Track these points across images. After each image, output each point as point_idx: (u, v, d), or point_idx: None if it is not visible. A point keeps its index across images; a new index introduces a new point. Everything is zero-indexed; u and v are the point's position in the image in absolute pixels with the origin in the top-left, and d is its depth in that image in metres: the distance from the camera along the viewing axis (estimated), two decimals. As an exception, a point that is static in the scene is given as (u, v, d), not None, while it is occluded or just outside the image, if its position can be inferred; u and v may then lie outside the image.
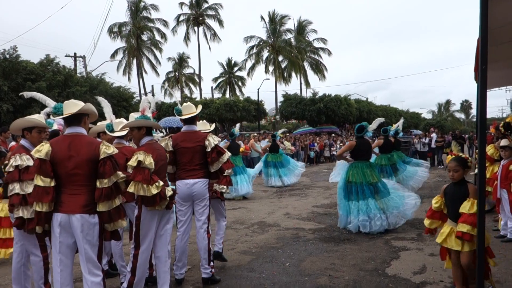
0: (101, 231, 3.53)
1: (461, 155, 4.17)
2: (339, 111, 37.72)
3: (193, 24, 45.60)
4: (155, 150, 4.14)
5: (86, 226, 3.41)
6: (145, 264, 4.17)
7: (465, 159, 4.13)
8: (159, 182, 3.98)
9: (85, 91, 23.37)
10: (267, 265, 5.59)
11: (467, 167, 4.12)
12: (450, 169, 4.14)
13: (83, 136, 3.57)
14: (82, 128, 3.62)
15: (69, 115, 3.54)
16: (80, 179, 3.44)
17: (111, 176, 3.45)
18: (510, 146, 6.44)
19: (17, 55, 21.37)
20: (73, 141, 3.48)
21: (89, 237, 3.43)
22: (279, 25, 45.66)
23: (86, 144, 3.49)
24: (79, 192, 3.44)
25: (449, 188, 4.23)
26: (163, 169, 4.31)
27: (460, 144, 18.90)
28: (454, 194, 4.11)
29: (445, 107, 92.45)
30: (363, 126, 7.86)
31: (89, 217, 3.43)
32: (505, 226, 6.51)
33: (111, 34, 42.41)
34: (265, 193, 12.88)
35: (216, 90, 51.86)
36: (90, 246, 3.44)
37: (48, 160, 3.39)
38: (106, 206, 3.45)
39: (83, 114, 3.62)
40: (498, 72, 7.95)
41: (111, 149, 3.50)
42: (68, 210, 3.42)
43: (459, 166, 4.09)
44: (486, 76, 3.48)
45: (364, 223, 7.14)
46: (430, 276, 4.97)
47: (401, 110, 54.59)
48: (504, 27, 5.03)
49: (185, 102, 5.20)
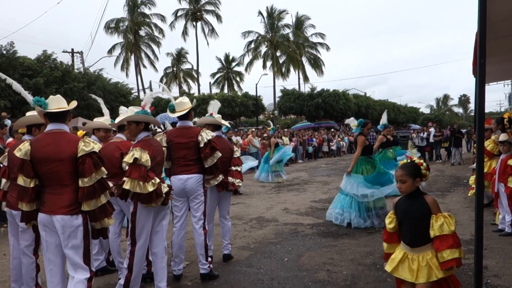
0: (87, 231, 3.39)
1: (413, 160, 3.26)
2: (337, 106, 37.73)
3: (191, 19, 45.47)
4: (151, 146, 4.13)
5: (67, 228, 3.28)
6: (142, 260, 4.17)
7: (416, 166, 3.22)
8: (155, 179, 3.97)
9: (82, 87, 23.32)
10: (266, 261, 5.59)
11: (420, 175, 3.21)
12: (397, 179, 3.24)
13: (64, 133, 3.43)
14: (65, 125, 3.50)
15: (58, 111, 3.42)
16: (61, 178, 3.31)
17: (92, 174, 3.30)
18: (508, 140, 6.44)
19: (14, 51, 21.30)
20: (54, 139, 3.35)
21: (72, 239, 3.30)
22: (277, 20, 45.61)
23: (66, 142, 3.35)
24: (62, 191, 3.32)
25: (400, 203, 3.31)
26: (159, 165, 4.29)
27: (458, 138, 18.92)
28: (406, 211, 3.21)
29: (443, 101, 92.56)
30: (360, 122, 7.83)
31: (71, 218, 3.28)
32: (503, 220, 6.52)
33: (108, 29, 42.28)
34: (263, 189, 12.88)
35: (214, 86, 51.87)
36: (73, 248, 3.32)
37: (28, 160, 3.28)
38: (91, 205, 3.32)
39: (68, 111, 3.53)
40: (497, 66, 7.95)
41: (90, 146, 3.35)
42: (49, 210, 3.31)
43: (407, 175, 3.18)
44: (485, 70, 3.47)
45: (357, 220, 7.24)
46: (428, 271, 4.97)
47: (399, 105, 54.61)
48: (502, 22, 5.02)
49: (180, 97, 5.17)
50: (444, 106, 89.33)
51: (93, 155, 3.34)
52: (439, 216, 3.07)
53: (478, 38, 3.48)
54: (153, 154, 4.07)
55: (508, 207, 6.35)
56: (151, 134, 4.36)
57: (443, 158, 20.33)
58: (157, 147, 4.25)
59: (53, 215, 3.29)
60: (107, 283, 4.95)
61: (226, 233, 5.59)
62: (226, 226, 5.59)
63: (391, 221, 3.32)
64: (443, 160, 20.04)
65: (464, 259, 5.25)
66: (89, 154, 3.32)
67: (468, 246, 5.86)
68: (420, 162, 3.23)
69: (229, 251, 5.63)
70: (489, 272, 4.79)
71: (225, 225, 5.59)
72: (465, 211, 8.38)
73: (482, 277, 3.70)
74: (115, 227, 4.83)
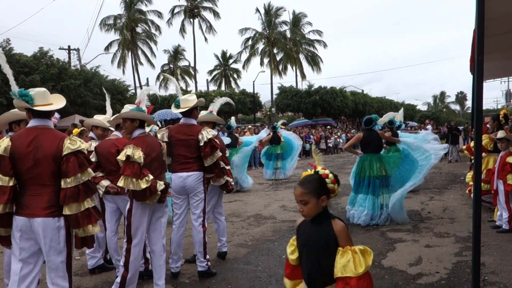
0: (69, 235, 3.17)
1: (316, 171, 2.43)
2: (335, 103, 37.78)
3: (188, 16, 45.34)
4: (145, 142, 4.10)
5: (49, 231, 3.06)
6: (138, 258, 4.14)
7: (320, 179, 2.38)
8: (149, 176, 3.93)
9: (79, 84, 23.27)
10: (263, 258, 5.59)
11: (326, 191, 2.36)
12: (296, 199, 2.40)
13: (49, 130, 3.21)
14: (50, 121, 3.30)
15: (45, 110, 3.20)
16: (42, 178, 3.09)
17: (76, 174, 3.09)
18: (506, 138, 6.46)
19: (10, 48, 21.23)
20: (37, 135, 3.11)
21: (54, 243, 3.08)
22: (275, 17, 45.57)
23: (50, 139, 3.13)
24: (42, 192, 3.10)
25: (302, 226, 2.50)
26: (156, 161, 4.23)
27: (455, 135, 18.95)
28: (307, 238, 2.42)
29: (440, 98, 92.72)
30: (371, 119, 7.67)
31: (52, 220, 3.07)
32: (500, 217, 6.54)
33: (104, 26, 42.14)
34: (261, 186, 12.87)
35: (212, 83, 51.77)
36: (55, 253, 3.10)
37: (7, 157, 3.04)
38: (73, 208, 3.08)
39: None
40: (494, 64, 7.95)
41: (76, 144, 3.14)
42: (28, 213, 3.07)
43: (309, 194, 2.34)
44: (483, 67, 3.46)
45: (365, 218, 7.16)
46: (426, 268, 4.98)
47: (397, 102, 54.77)
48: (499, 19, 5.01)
49: (187, 93, 5.17)
50: (441, 104, 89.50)
51: (79, 154, 3.15)
52: (346, 250, 2.28)
53: (476, 36, 3.47)
54: (147, 151, 4.05)
55: (505, 204, 6.37)
56: (147, 131, 4.34)
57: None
58: (152, 144, 4.21)
59: (32, 218, 3.06)
60: (105, 281, 4.94)
61: (222, 231, 5.58)
62: (222, 224, 5.59)
63: (293, 251, 2.52)
64: (440, 157, 20.04)
65: (461, 256, 5.30)
66: (74, 153, 3.12)
67: (465, 243, 5.88)
68: (325, 173, 2.39)
69: (226, 248, 5.64)
70: (486, 269, 4.80)
71: (221, 223, 5.58)
72: (463, 208, 8.39)
73: (480, 274, 3.70)
74: (112, 224, 4.82)
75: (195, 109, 5.00)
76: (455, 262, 5.14)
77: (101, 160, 4.67)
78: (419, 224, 7.17)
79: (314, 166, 2.49)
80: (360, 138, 7.58)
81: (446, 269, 4.91)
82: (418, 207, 8.66)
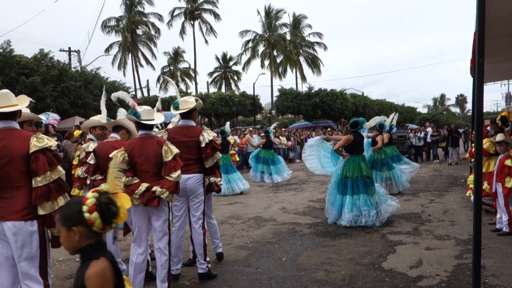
0: (43, 239, 3.09)
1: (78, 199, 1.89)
2: (335, 106, 37.72)
3: (188, 18, 45.38)
4: (131, 145, 4.18)
5: (20, 235, 2.97)
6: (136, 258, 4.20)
7: (75, 206, 1.84)
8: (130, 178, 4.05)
9: (79, 85, 23.24)
10: (264, 260, 5.59)
11: (83, 222, 1.80)
12: None
13: (14, 130, 3.16)
14: (15, 122, 3.22)
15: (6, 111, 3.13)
16: (12, 180, 3.03)
17: (46, 172, 3.03)
18: (505, 140, 6.46)
19: (10, 50, 21.20)
20: (3, 137, 3.06)
21: (26, 248, 2.99)
22: (275, 20, 45.60)
23: (16, 138, 3.08)
24: (14, 195, 3.02)
25: None
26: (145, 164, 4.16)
27: (456, 138, 18.96)
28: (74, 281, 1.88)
29: (440, 101, 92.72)
30: (357, 122, 7.87)
31: (25, 224, 2.99)
32: (500, 220, 6.54)
33: (105, 28, 42.21)
34: (261, 188, 12.87)
35: (212, 85, 51.77)
36: (27, 259, 3.01)
37: None
38: (46, 208, 3.03)
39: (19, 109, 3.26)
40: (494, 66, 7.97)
41: (43, 142, 3.08)
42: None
43: (59, 222, 1.86)
44: (483, 69, 3.47)
45: (356, 218, 7.22)
46: (427, 270, 4.98)
47: (397, 105, 54.66)
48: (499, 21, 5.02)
49: (186, 96, 5.19)
50: (441, 106, 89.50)
51: (47, 152, 3.10)
52: None
53: (477, 38, 3.48)
54: (132, 153, 4.12)
55: (505, 207, 6.37)
56: (153, 132, 4.37)
57: (440, 158, 20.36)
58: (141, 147, 4.17)
59: (3, 221, 2.98)
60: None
61: (215, 233, 5.55)
62: (213, 226, 5.54)
63: None
64: (440, 160, 20.08)
65: (462, 259, 5.30)
66: (42, 150, 3.07)
67: (466, 245, 5.88)
68: (87, 197, 1.83)
69: (221, 249, 5.62)
70: (487, 272, 4.79)
71: (213, 225, 5.53)
72: (463, 210, 8.39)
73: (480, 277, 3.70)
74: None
75: (194, 110, 5.01)
76: (455, 264, 5.14)
77: (100, 162, 4.68)
78: (419, 226, 7.17)
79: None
80: (350, 140, 7.65)
81: (447, 271, 4.90)
82: (418, 209, 8.66)
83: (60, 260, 5.72)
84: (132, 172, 4.17)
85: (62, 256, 5.74)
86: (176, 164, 4.10)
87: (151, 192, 4.05)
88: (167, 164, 4.08)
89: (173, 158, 4.10)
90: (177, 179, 4.08)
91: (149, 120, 4.28)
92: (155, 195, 4.04)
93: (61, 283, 4.92)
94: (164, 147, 4.13)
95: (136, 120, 4.24)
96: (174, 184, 4.07)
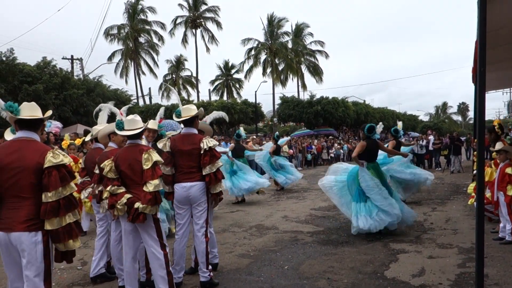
0: (47, 250, 3.11)
1: None
2: (337, 114, 37.81)
3: (190, 27, 45.62)
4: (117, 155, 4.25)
5: (25, 245, 3.02)
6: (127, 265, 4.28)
7: None
8: (111, 187, 4.11)
9: (82, 93, 23.36)
10: (266, 268, 5.57)
11: None
12: None
13: (34, 142, 3.19)
14: (37, 134, 3.28)
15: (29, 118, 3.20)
16: (20, 190, 3.05)
17: (58, 189, 3.05)
18: (504, 149, 6.46)
19: (13, 58, 21.36)
20: (21, 147, 3.10)
21: (31, 258, 3.02)
22: (277, 28, 45.79)
23: (32, 150, 3.10)
24: (20, 205, 3.05)
25: None
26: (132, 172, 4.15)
27: (458, 146, 18.94)
28: None
29: (442, 109, 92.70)
30: (373, 126, 7.60)
31: (29, 235, 3.02)
32: (503, 229, 6.51)
33: (108, 36, 42.47)
34: (263, 196, 12.85)
35: (214, 93, 51.91)
36: (32, 268, 3.04)
37: None
38: (54, 223, 3.05)
39: (42, 120, 3.31)
40: (496, 74, 8.00)
41: (59, 158, 3.11)
42: (5, 227, 3.05)
43: None
44: (485, 78, 3.48)
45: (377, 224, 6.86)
46: (429, 279, 4.96)
47: (399, 113, 54.72)
48: (500, 30, 5.06)
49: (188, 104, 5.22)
50: (443, 114, 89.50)
51: (61, 168, 3.12)
52: None
53: (478, 47, 3.50)
54: (118, 162, 4.17)
55: (508, 215, 6.35)
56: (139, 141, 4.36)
57: (442, 166, 20.33)
58: (123, 156, 4.19)
59: (9, 232, 3.03)
60: (107, 291, 4.93)
61: (213, 243, 5.47)
62: (212, 235, 5.46)
63: None
64: (442, 168, 20.05)
65: (464, 267, 5.28)
66: (56, 167, 3.09)
67: (468, 254, 5.86)
68: None
69: (217, 260, 5.55)
70: (490, 281, 4.77)
71: (212, 235, 5.47)
72: (465, 219, 8.36)
73: (483, 286, 3.69)
74: (116, 234, 4.80)
75: (196, 118, 5.02)
76: (458, 273, 5.12)
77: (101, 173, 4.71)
78: (422, 235, 7.15)
79: None
80: (364, 146, 7.36)
81: (449, 280, 4.88)
82: (420, 218, 8.63)
83: (61, 268, 5.72)
84: (120, 181, 4.19)
85: (63, 264, 5.73)
86: (154, 173, 4.04)
87: (134, 209, 4.02)
88: (144, 172, 4.05)
89: (151, 167, 4.04)
90: (156, 188, 4.01)
91: (130, 130, 4.26)
92: (139, 211, 4.01)
93: (63, 291, 4.91)
94: (144, 155, 4.08)
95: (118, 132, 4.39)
96: (153, 196, 4.00)
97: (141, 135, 4.44)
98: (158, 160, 4.12)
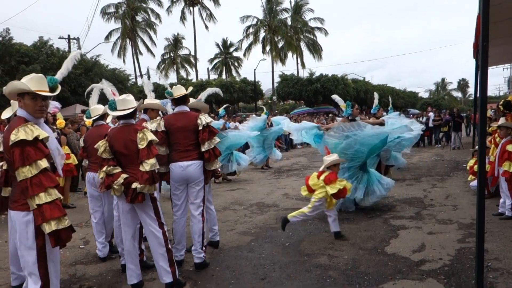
0: (41, 231, 2.95)
1: None
2: (336, 91, 37.54)
3: (188, 4, 45.01)
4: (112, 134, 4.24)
5: (18, 224, 3.01)
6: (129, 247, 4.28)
7: None
8: (106, 167, 4.12)
9: (79, 73, 23.15)
10: (267, 246, 5.61)
11: None
12: None
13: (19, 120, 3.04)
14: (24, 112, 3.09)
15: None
16: (12, 169, 2.99)
17: (18, 168, 2.87)
18: (505, 125, 6.44)
19: (10, 38, 21.10)
20: (11, 126, 3.01)
21: (22, 238, 3.00)
22: (276, 5, 45.20)
23: (8, 131, 3.01)
24: (15, 184, 3.06)
25: None
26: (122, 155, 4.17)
27: (458, 123, 18.91)
28: None
29: (442, 86, 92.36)
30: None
31: (20, 214, 2.99)
32: (503, 204, 6.54)
33: (104, 15, 41.94)
34: (263, 174, 12.88)
35: (212, 71, 51.61)
36: (24, 249, 3.00)
37: None
38: (31, 202, 2.88)
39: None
40: (496, 50, 7.92)
41: (16, 135, 2.89)
42: (9, 206, 3.16)
43: None
44: (487, 53, 3.43)
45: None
46: (429, 254, 5.00)
47: (398, 90, 54.49)
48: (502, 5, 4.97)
49: (175, 86, 5.15)
50: (443, 91, 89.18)
51: (22, 145, 2.89)
52: None
53: (481, 21, 3.44)
54: (112, 142, 4.16)
55: (508, 191, 6.37)
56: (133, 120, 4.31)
57: (442, 143, 20.34)
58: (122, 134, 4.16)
59: (10, 210, 3.12)
60: (109, 269, 4.96)
61: (214, 221, 5.49)
62: (213, 212, 5.49)
63: None
64: (442, 145, 20.06)
65: (464, 243, 5.32)
66: (16, 144, 2.88)
67: (468, 229, 5.89)
68: None
69: (219, 237, 5.59)
70: (489, 255, 4.81)
71: (212, 212, 5.48)
72: (465, 195, 8.40)
73: (483, 260, 3.72)
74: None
75: (187, 97, 5.01)
76: (458, 248, 5.16)
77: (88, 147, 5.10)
78: (422, 211, 7.18)
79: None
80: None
81: (450, 255, 4.92)
82: (420, 194, 8.67)
83: (64, 248, 5.74)
84: (116, 160, 4.17)
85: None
86: (149, 152, 4.01)
87: (131, 190, 4.01)
88: (140, 152, 4.02)
89: (147, 146, 4.00)
90: (153, 167, 3.99)
91: (123, 110, 4.20)
92: (137, 192, 4.00)
93: (66, 269, 4.95)
94: (139, 134, 4.04)
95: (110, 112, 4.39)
96: (150, 175, 3.98)
97: (134, 114, 4.34)
98: (153, 139, 4.09)
